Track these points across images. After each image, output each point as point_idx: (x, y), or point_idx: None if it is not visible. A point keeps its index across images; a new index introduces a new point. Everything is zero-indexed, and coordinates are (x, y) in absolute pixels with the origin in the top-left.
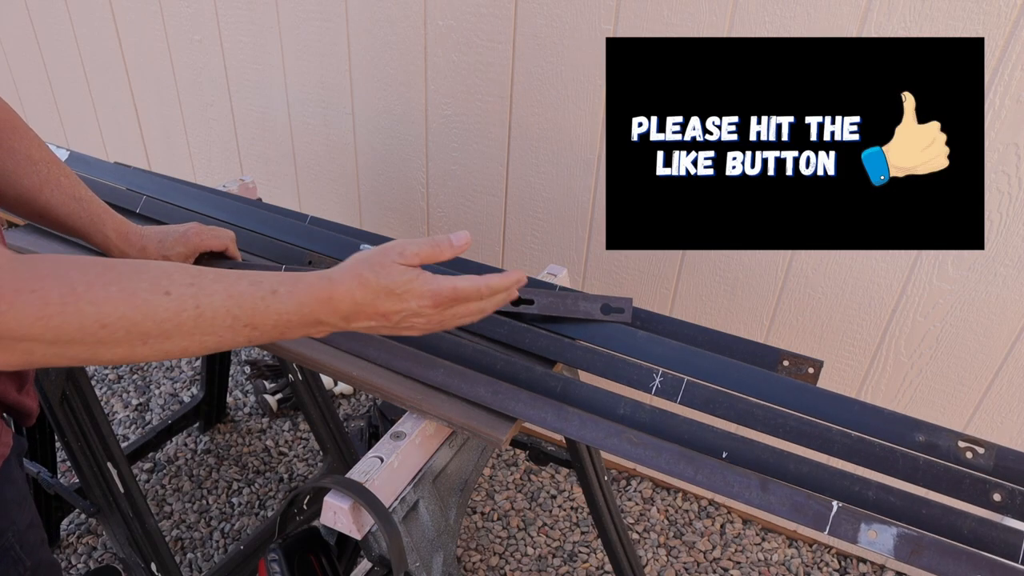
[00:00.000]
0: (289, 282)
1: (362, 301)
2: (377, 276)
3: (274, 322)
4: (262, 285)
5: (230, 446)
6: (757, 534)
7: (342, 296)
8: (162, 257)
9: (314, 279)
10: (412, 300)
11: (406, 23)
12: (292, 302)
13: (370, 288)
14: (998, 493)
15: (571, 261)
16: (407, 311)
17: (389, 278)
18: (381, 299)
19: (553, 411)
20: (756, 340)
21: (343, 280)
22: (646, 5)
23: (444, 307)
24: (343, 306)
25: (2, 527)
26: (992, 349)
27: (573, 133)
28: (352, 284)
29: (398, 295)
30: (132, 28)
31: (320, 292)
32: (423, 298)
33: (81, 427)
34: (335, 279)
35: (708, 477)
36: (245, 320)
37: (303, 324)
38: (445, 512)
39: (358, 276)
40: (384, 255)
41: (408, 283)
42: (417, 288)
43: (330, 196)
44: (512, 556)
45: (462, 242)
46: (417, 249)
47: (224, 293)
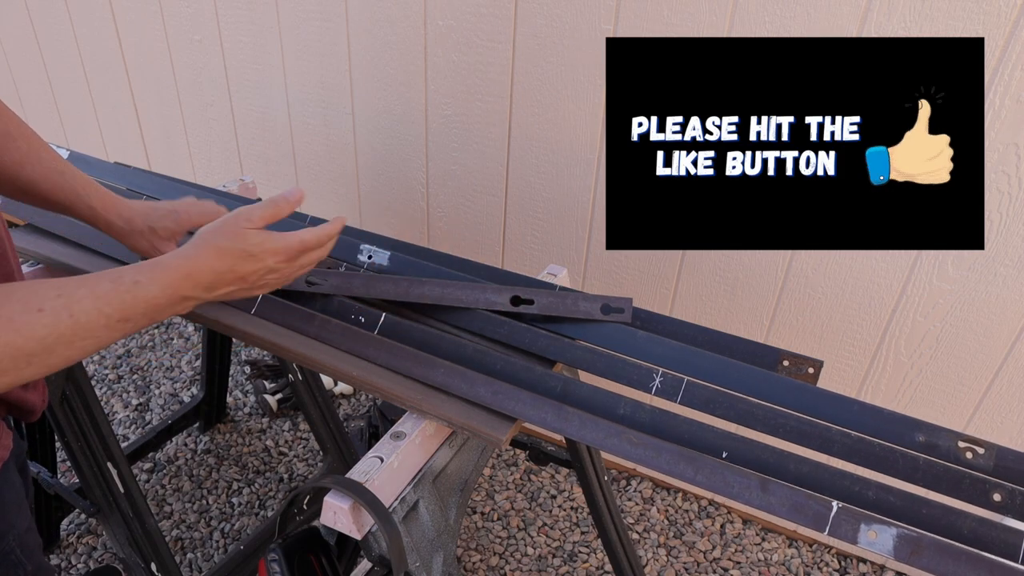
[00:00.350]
0: (148, 269)
1: (221, 269)
2: (233, 243)
3: (143, 310)
4: (123, 279)
5: (230, 446)
6: (757, 534)
7: (201, 268)
8: (149, 230)
9: (171, 259)
10: (268, 258)
11: (406, 23)
12: (155, 287)
13: (228, 254)
14: (998, 493)
15: (571, 261)
16: (264, 269)
17: (245, 242)
18: (240, 263)
19: (553, 411)
20: (756, 340)
21: (200, 254)
22: (646, 5)
23: (294, 259)
24: (204, 277)
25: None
26: (992, 349)
27: (573, 133)
28: (209, 255)
29: (255, 256)
30: (132, 28)
31: (180, 270)
32: (277, 254)
33: (81, 427)
34: (191, 255)
35: (708, 477)
36: (117, 316)
37: (171, 303)
38: (445, 512)
39: (214, 247)
40: (235, 223)
41: (262, 243)
42: (271, 246)
43: (330, 196)
44: (512, 556)
45: (296, 196)
46: (261, 212)
47: (91, 296)
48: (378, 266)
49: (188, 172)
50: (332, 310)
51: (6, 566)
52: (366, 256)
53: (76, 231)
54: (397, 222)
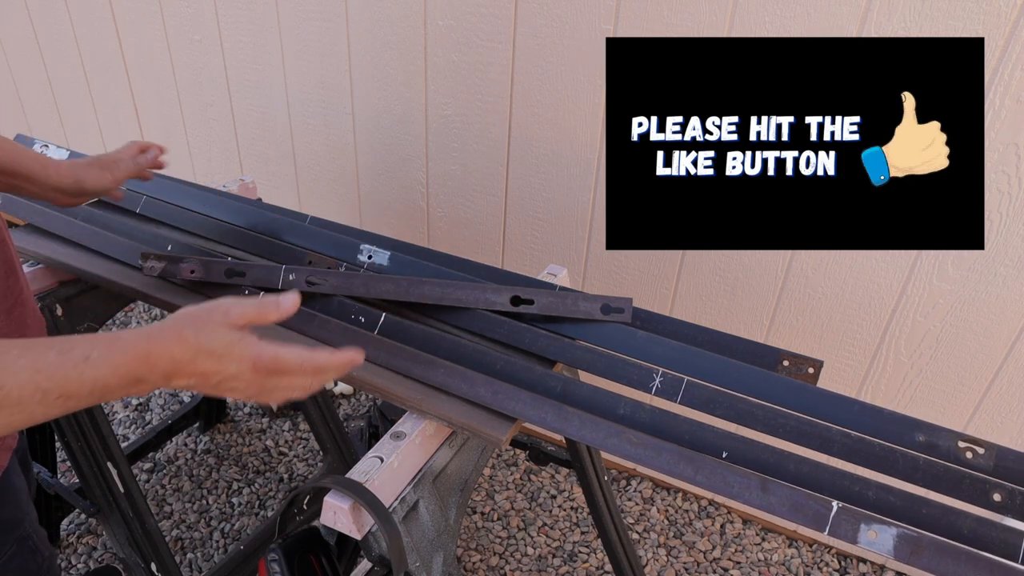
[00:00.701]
0: (103, 345)
1: (181, 359)
2: (197, 335)
3: (89, 389)
4: (72, 353)
5: (230, 446)
6: (757, 534)
7: (160, 353)
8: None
9: (131, 337)
10: (232, 363)
11: (406, 23)
12: (107, 366)
13: (189, 346)
14: (998, 493)
15: (571, 261)
16: (226, 373)
17: (210, 338)
18: (201, 358)
19: (553, 411)
20: (756, 340)
21: (162, 337)
22: (646, 5)
23: (264, 375)
24: (161, 363)
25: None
26: (992, 349)
27: (573, 133)
28: (171, 341)
29: (217, 356)
30: (132, 28)
31: (137, 350)
32: (243, 362)
33: (81, 427)
34: (154, 336)
35: (708, 477)
36: (56, 392)
37: (121, 385)
38: (445, 512)
39: (178, 333)
40: (209, 314)
41: (229, 345)
42: (238, 352)
43: (330, 196)
44: (512, 556)
45: (288, 304)
46: (243, 310)
47: (30, 368)
48: (378, 266)
49: (188, 172)
50: (332, 310)
51: (25, 552)
52: (366, 256)
53: (76, 231)
54: (397, 222)
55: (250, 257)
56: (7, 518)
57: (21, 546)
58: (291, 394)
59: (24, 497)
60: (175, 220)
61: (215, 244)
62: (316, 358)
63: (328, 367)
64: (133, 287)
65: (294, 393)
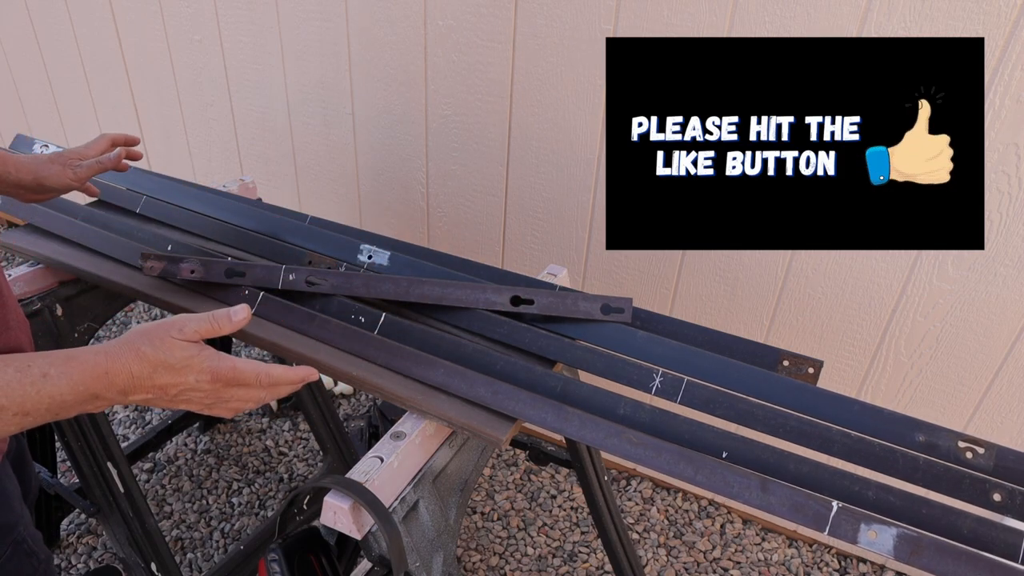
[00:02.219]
0: (60, 362)
1: (139, 375)
2: (155, 351)
3: (47, 406)
4: (30, 370)
5: (230, 446)
6: (757, 534)
7: (119, 370)
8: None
9: (89, 355)
10: (191, 375)
11: (406, 23)
12: (65, 383)
13: (148, 362)
14: (998, 493)
15: (571, 261)
16: (185, 385)
17: (168, 353)
18: (159, 372)
19: (553, 411)
20: (756, 340)
21: (120, 354)
22: (646, 5)
23: (223, 385)
24: (119, 380)
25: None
26: (992, 349)
27: (573, 133)
28: (129, 358)
29: (176, 369)
30: (132, 28)
31: (96, 368)
32: (202, 373)
33: (81, 427)
34: (112, 353)
35: (708, 477)
36: (14, 409)
37: (79, 402)
38: (445, 512)
39: (136, 350)
40: (164, 330)
41: (188, 359)
42: (196, 364)
43: (330, 196)
44: (512, 556)
45: (240, 317)
46: (196, 326)
47: None
48: (378, 266)
49: (188, 172)
50: (332, 310)
51: (20, 555)
52: (366, 256)
53: (76, 231)
54: (397, 222)
55: (250, 257)
56: (1, 522)
57: (16, 549)
58: (244, 406)
59: (17, 500)
60: (175, 220)
61: (215, 244)
62: (272, 372)
63: (282, 381)
64: (133, 287)
65: (247, 405)
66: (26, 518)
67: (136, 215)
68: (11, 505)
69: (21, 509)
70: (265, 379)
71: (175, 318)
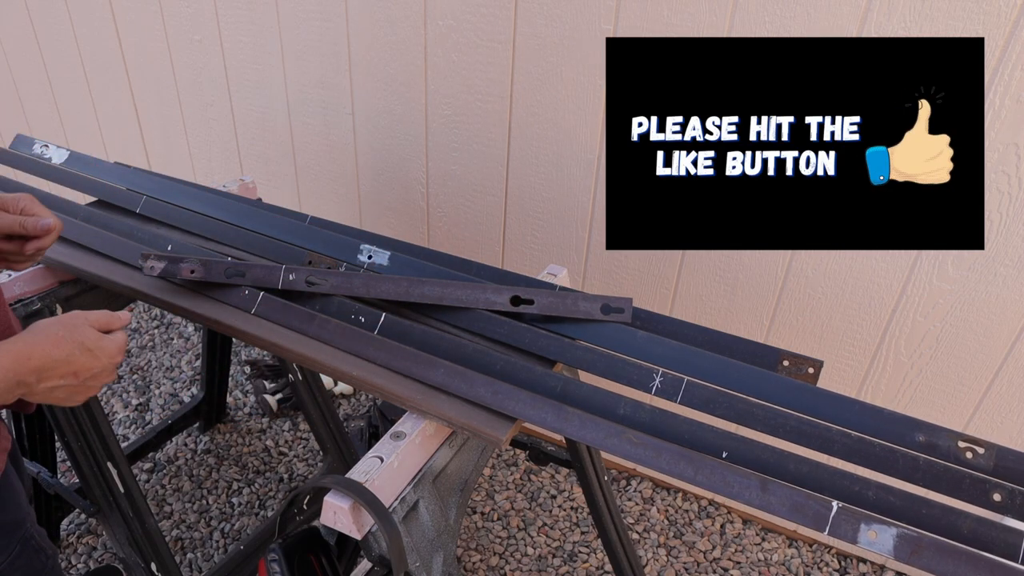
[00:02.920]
0: None
1: (58, 357)
2: (71, 334)
3: None
4: None
5: (230, 446)
6: (757, 534)
7: (40, 354)
8: None
9: (9, 344)
10: (104, 357)
11: (406, 23)
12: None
13: (66, 344)
14: (998, 493)
15: (571, 261)
16: (98, 368)
17: (84, 335)
18: (77, 355)
19: (553, 411)
20: (756, 340)
21: (36, 340)
22: (646, 5)
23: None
24: (36, 363)
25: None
26: (992, 349)
27: (573, 133)
28: (47, 342)
29: (92, 352)
30: (132, 28)
31: (18, 353)
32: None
33: (81, 427)
34: (28, 340)
35: (708, 477)
36: None
37: (4, 391)
38: (445, 512)
39: (52, 335)
40: (71, 318)
41: (99, 340)
42: (107, 345)
43: (330, 196)
44: (512, 556)
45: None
46: (96, 317)
47: None
48: (378, 266)
49: (188, 172)
50: (332, 310)
51: (29, 551)
52: (366, 256)
53: (76, 231)
54: (397, 222)
55: (250, 257)
56: (9, 520)
57: (25, 546)
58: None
59: (23, 498)
60: (175, 220)
61: (215, 244)
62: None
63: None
64: (133, 287)
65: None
66: (32, 515)
67: (136, 215)
68: (19, 502)
69: (28, 507)
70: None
71: (75, 312)
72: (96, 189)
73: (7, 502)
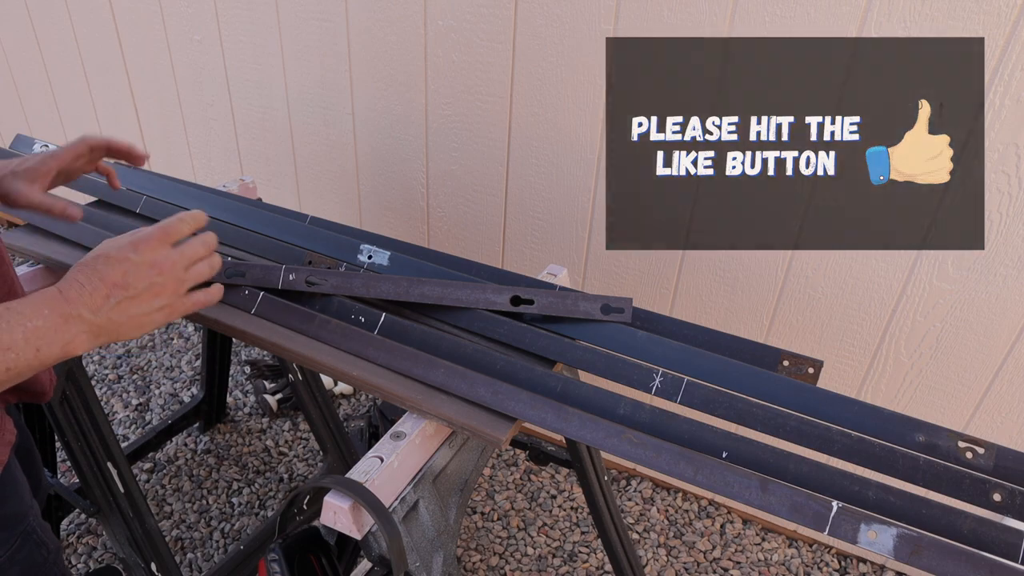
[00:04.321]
0: (19, 298)
1: (86, 281)
2: (91, 255)
3: (23, 335)
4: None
5: (230, 446)
6: (757, 534)
7: (68, 286)
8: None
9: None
10: (131, 253)
11: (406, 23)
12: (28, 308)
13: (88, 265)
14: (998, 493)
15: (571, 261)
16: (134, 266)
17: (101, 247)
18: (104, 268)
19: (553, 411)
20: (756, 340)
21: (67, 275)
22: (646, 5)
23: (163, 246)
24: (73, 293)
25: (22, 511)
26: (992, 349)
27: (573, 133)
28: (74, 272)
29: (115, 257)
30: (132, 28)
31: (48, 290)
32: (137, 246)
33: (81, 427)
34: (59, 281)
35: (708, 477)
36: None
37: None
38: (445, 512)
39: (78, 264)
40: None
41: (117, 240)
42: (127, 240)
43: (330, 196)
44: (512, 556)
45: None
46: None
47: None
48: (378, 266)
49: (188, 172)
50: (332, 310)
51: (30, 545)
52: (366, 256)
53: (76, 231)
54: (397, 222)
55: (250, 257)
56: (10, 513)
57: (26, 540)
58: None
59: (27, 491)
60: None
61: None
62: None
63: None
64: None
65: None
66: (36, 509)
67: (136, 215)
68: (21, 496)
69: (31, 500)
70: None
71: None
72: (96, 189)
73: (9, 495)
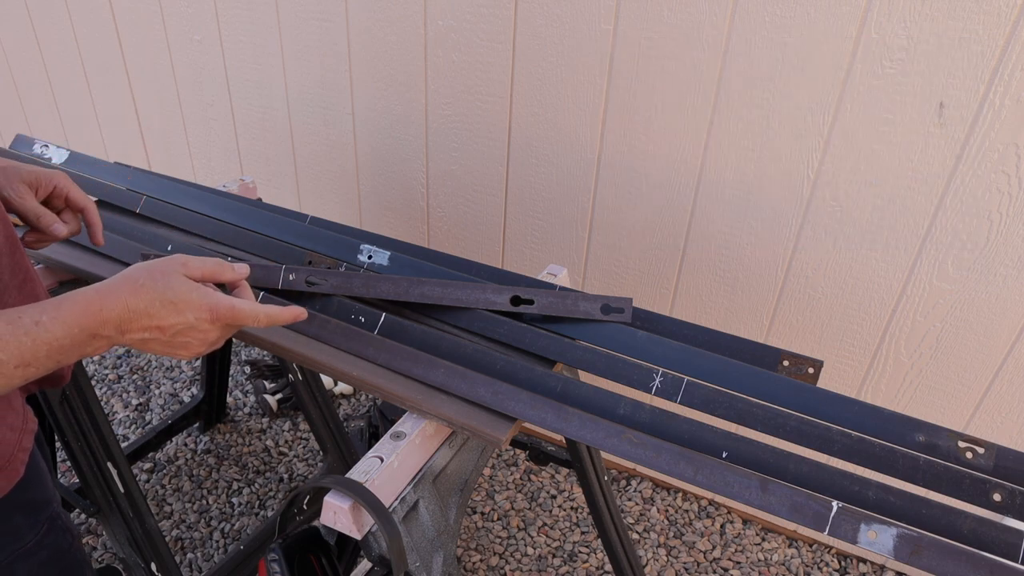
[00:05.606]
0: (52, 308)
1: (136, 309)
2: (154, 283)
3: (46, 352)
4: (22, 320)
5: (230, 446)
6: (757, 534)
7: (113, 305)
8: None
9: (80, 294)
10: (190, 312)
11: (406, 23)
12: (59, 327)
13: (145, 296)
14: (998, 493)
15: (571, 261)
16: (183, 324)
17: (168, 286)
18: (157, 308)
19: (553, 411)
20: (756, 340)
21: (114, 288)
22: (646, 5)
23: (221, 324)
24: (114, 315)
25: (48, 497)
26: (992, 349)
27: (573, 133)
28: (125, 291)
29: (175, 305)
30: (132, 28)
31: (89, 305)
32: (201, 310)
33: (81, 427)
34: (103, 290)
35: (708, 477)
36: (14, 362)
37: (77, 344)
38: (445, 512)
39: (133, 282)
40: (165, 264)
41: (187, 293)
42: (196, 299)
43: (330, 196)
44: (512, 556)
45: (243, 270)
46: (200, 264)
47: None
48: (378, 266)
49: (188, 172)
50: (332, 310)
51: (56, 531)
52: (366, 256)
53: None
54: (397, 222)
55: (250, 257)
56: (39, 498)
57: (53, 524)
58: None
59: (49, 478)
60: (175, 220)
61: (215, 244)
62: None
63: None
64: None
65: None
66: (58, 497)
67: (136, 215)
68: (45, 482)
69: (53, 487)
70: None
71: (177, 255)
72: (96, 189)
73: (36, 480)
